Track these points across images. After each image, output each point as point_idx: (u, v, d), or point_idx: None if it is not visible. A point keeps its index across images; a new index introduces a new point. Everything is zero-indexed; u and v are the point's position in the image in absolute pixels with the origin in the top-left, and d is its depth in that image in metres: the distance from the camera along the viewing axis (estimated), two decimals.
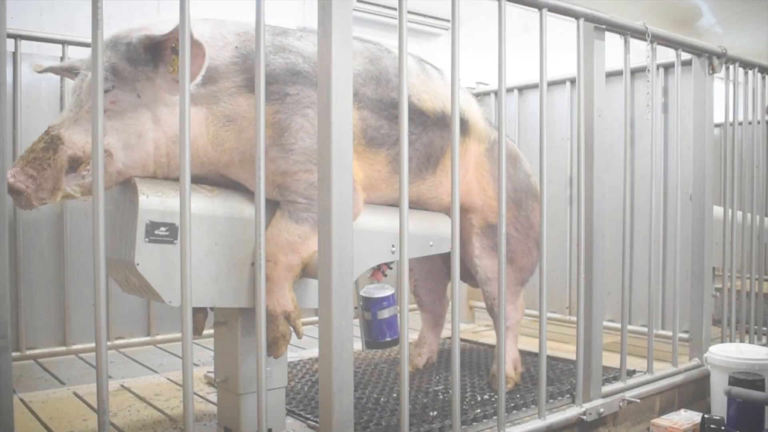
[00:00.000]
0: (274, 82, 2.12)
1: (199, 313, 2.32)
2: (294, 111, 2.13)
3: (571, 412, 2.61)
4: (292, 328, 2.19)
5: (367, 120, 2.31)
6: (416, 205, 2.61)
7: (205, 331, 2.51)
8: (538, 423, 2.46)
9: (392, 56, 2.47)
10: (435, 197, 2.63)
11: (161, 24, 2.05)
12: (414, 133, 2.46)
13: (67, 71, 2.34)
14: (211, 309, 2.33)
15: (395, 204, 2.45)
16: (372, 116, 2.33)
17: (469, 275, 3.03)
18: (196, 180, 2.16)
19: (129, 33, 2.03)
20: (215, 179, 2.20)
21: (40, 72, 2.43)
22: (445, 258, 3.11)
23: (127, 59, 1.99)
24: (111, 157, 1.97)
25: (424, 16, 5.87)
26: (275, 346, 2.16)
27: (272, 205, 2.19)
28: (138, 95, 2.01)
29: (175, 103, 2.03)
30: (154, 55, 1.99)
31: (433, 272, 3.26)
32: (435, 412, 2.56)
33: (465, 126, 2.70)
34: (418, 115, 2.47)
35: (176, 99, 2.01)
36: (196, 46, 1.91)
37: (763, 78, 3.84)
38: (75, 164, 1.97)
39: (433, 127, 2.52)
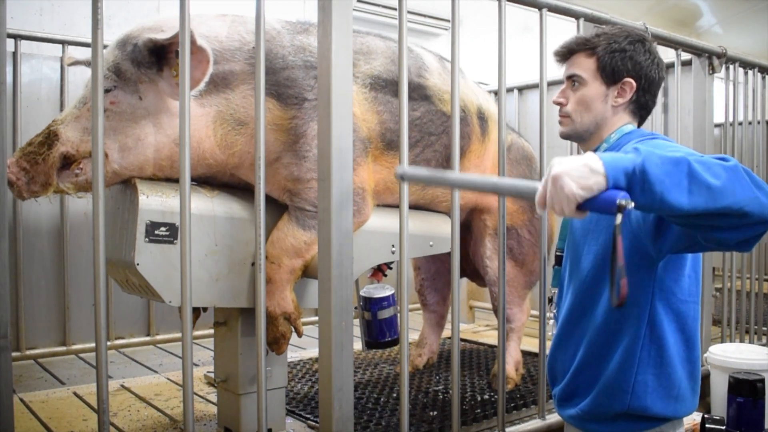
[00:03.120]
0: (292, 85, 2.07)
1: (193, 312, 2.32)
2: (311, 117, 2.08)
3: None
4: (292, 328, 2.19)
5: (386, 124, 2.27)
6: (430, 207, 2.59)
7: (205, 331, 2.51)
8: (538, 423, 2.46)
9: (414, 55, 2.41)
10: (448, 201, 2.58)
11: (174, 21, 2.02)
12: (434, 134, 2.42)
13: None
14: (204, 310, 2.32)
15: (413, 205, 2.43)
16: (391, 119, 2.28)
17: (478, 275, 3.02)
18: (204, 181, 2.15)
19: (140, 33, 1.99)
20: (224, 179, 2.18)
21: (69, 65, 2.43)
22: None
23: (131, 60, 1.97)
24: (106, 158, 1.93)
25: (424, 16, 5.86)
26: (276, 345, 2.16)
27: (272, 206, 2.19)
28: (140, 97, 1.99)
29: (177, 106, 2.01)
30: (159, 58, 1.96)
31: (441, 272, 3.25)
32: (435, 412, 2.56)
33: (485, 127, 2.67)
34: (438, 116, 2.43)
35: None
36: (200, 51, 1.87)
37: (763, 78, 3.84)
38: (68, 162, 1.96)
39: None
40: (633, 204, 1.13)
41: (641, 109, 1.61)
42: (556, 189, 1.16)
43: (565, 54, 1.63)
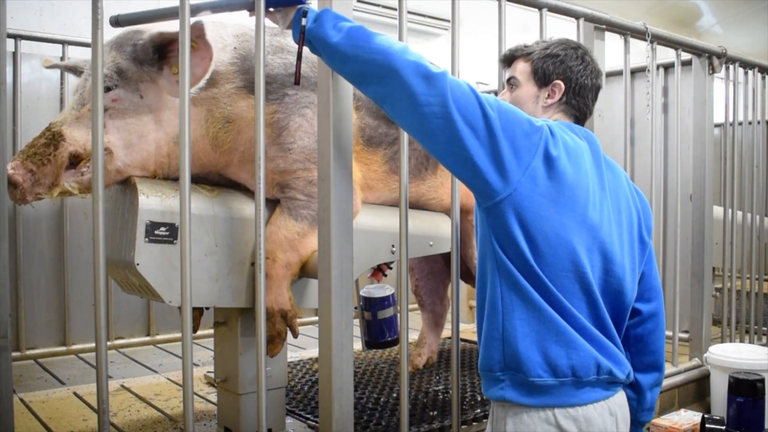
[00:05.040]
0: (272, 82, 2.13)
1: (195, 311, 2.32)
2: (292, 111, 2.13)
3: None
4: (288, 328, 2.19)
5: (364, 119, 2.32)
6: (417, 206, 2.61)
7: (205, 331, 2.51)
8: None
9: None
10: (435, 198, 2.63)
11: (163, 28, 2.05)
12: None
13: (71, 69, 2.35)
14: (207, 308, 2.33)
15: (392, 204, 2.45)
16: (370, 115, 2.33)
17: (470, 276, 3.02)
18: (196, 181, 2.16)
19: (133, 35, 2.04)
20: (215, 180, 2.21)
21: (47, 67, 2.45)
22: (447, 258, 3.11)
23: (132, 59, 2.00)
24: (111, 155, 1.97)
25: (424, 16, 5.86)
26: (271, 344, 2.15)
27: (272, 205, 2.19)
28: (141, 96, 2.02)
29: (177, 103, 2.03)
30: (161, 54, 2.00)
31: (435, 272, 3.25)
32: (435, 412, 2.56)
33: None
34: None
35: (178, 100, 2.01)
36: (206, 48, 1.92)
37: (763, 78, 3.85)
38: (75, 161, 1.97)
39: None
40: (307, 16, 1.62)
41: (574, 110, 1.67)
42: None
43: (509, 59, 1.74)
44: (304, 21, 1.62)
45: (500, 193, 1.43)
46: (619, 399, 1.54)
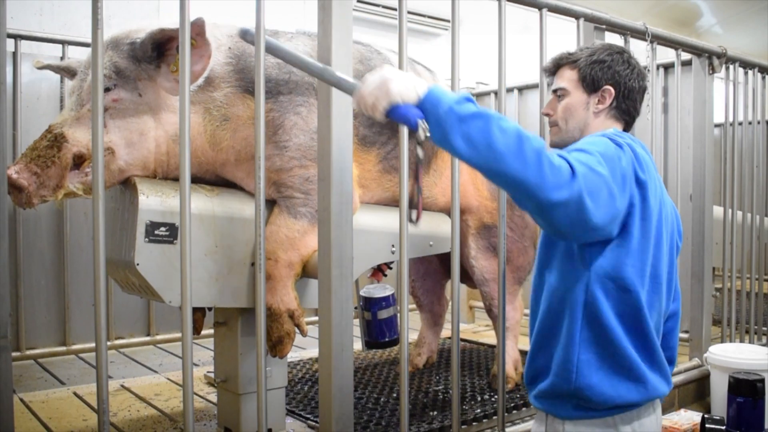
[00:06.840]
0: (267, 81, 2.13)
1: (198, 312, 2.32)
2: (287, 109, 2.14)
3: None
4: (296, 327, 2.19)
5: (357, 117, 2.32)
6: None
7: (205, 331, 2.52)
8: None
9: (382, 57, 2.47)
10: (429, 197, 2.63)
11: (153, 26, 2.06)
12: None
13: (64, 71, 2.35)
14: (209, 309, 2.33)
15: (386, 203, 2.45)
16: (361, 113, 2.33)
17: (466, 276, 3.03)
18: (195, 180, 2.17)
19: (129, 34, 2.04)
20: (212, 179, 2.21)
21: (39, 68, 2.45)
22: (442, 258, 3.11)
23: (129, 58, 2.00)
24: (113, 154, 1.97)
25: (424, 16, 5.87)
26: (280, 345, 2.15)
27: (272, 205, 2.19)
28: (139, 94, 2.02)
29: (175, 102, 2.04)
30: (159, 52, 2.00)
31: (430, 273, 3.25)
32: (435, 412, 2.56)
33: None
34: None
35: (176, 98, 2.02)
36: (205, 46, 1.92)
37: (763, 78, 3.84)
38: (79, 161, 1.98)
39: None
40: (428, 129, 1.36)
41: (624, 114, 1.70)
42: (380, 87, 1.40)
43: (553, 69, 1.74)
44: (422, 134, 1.39)
45: (612, 234, 1.45)
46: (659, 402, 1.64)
